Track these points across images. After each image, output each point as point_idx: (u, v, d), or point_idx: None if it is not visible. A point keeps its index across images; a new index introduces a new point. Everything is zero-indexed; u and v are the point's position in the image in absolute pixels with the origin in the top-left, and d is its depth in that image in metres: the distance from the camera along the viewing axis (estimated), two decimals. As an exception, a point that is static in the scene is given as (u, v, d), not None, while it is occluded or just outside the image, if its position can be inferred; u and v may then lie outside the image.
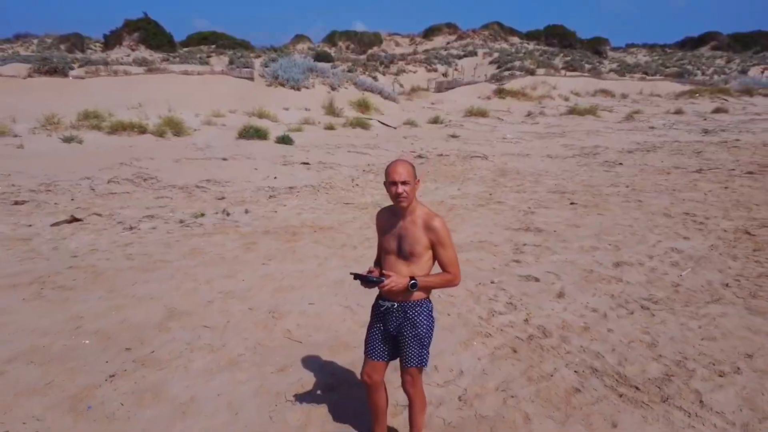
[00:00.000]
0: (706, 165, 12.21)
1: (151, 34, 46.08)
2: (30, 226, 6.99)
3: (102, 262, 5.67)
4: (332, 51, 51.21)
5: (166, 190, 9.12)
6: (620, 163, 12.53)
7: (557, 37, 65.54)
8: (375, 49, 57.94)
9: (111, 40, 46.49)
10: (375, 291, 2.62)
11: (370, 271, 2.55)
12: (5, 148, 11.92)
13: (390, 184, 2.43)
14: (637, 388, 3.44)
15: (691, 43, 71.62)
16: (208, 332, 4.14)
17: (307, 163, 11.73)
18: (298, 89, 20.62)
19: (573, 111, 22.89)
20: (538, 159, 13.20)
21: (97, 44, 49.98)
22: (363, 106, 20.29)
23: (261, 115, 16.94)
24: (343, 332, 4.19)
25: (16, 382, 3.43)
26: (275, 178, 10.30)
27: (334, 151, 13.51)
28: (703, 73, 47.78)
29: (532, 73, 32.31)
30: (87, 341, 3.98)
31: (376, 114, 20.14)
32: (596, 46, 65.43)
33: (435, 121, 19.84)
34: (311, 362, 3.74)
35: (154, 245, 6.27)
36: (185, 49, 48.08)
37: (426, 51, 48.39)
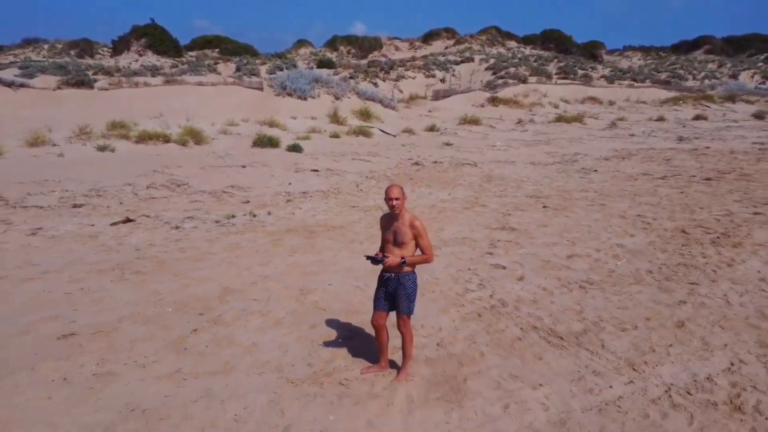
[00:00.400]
0: (672, 172, 13.70)
1: (157, 40, 47.59)
2: (92, 225, 8.49)
3: (162, 254, 7.18)
4: (334, 56, 52.83)
5: (198, 194, 10.63)
6: (595, 170, 14.03)
7: (554, 41, 67.11)
8: (375, 53, 59.59)
9: (119, 46, 48.03)
10: (379, 267, 4.14)
11: (376, 254, 4.07)
12: (48, 156, 13.45)
13: (387, 199, 3.94)
14: (561, 338, 4.94)
15: (685, 47, 73.15)
16: (256, 303, 5.65)
17: (317, 170, 13.25)
18: (305, 99, 22.16)
19: (560, 119, 24.41)
20: (522, 166, 14.72)
21: (105, 49, 51.66)
22: (365, 114, 21.82)
23: (271, 124, 18.45)
24: (355, 303, 5.69)
25: (129, 334, 4.93)
26: (290, 184, 11.81)
27: (339, 158, 15.02)
28: (694, 78, 49.38)
29: (524, 81, 33.85)
30: (169, 309, 5.48)
31: (377, 122, 21.66)
32: (592, 50, 67.12)
33: (431, 129, 21.36)
34: (333, 322, 5.25)
35: (200, 241, 7.78)
36: (191, 54, 49.69)
37: (425, 57, 49.96)
